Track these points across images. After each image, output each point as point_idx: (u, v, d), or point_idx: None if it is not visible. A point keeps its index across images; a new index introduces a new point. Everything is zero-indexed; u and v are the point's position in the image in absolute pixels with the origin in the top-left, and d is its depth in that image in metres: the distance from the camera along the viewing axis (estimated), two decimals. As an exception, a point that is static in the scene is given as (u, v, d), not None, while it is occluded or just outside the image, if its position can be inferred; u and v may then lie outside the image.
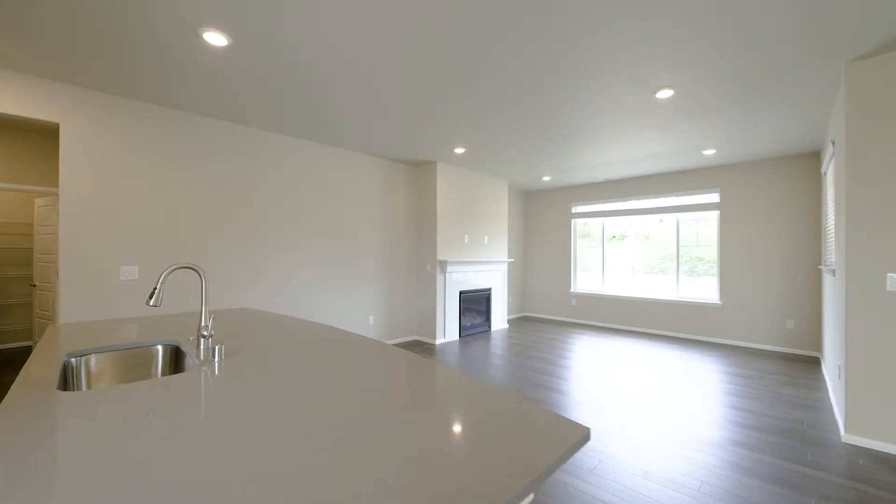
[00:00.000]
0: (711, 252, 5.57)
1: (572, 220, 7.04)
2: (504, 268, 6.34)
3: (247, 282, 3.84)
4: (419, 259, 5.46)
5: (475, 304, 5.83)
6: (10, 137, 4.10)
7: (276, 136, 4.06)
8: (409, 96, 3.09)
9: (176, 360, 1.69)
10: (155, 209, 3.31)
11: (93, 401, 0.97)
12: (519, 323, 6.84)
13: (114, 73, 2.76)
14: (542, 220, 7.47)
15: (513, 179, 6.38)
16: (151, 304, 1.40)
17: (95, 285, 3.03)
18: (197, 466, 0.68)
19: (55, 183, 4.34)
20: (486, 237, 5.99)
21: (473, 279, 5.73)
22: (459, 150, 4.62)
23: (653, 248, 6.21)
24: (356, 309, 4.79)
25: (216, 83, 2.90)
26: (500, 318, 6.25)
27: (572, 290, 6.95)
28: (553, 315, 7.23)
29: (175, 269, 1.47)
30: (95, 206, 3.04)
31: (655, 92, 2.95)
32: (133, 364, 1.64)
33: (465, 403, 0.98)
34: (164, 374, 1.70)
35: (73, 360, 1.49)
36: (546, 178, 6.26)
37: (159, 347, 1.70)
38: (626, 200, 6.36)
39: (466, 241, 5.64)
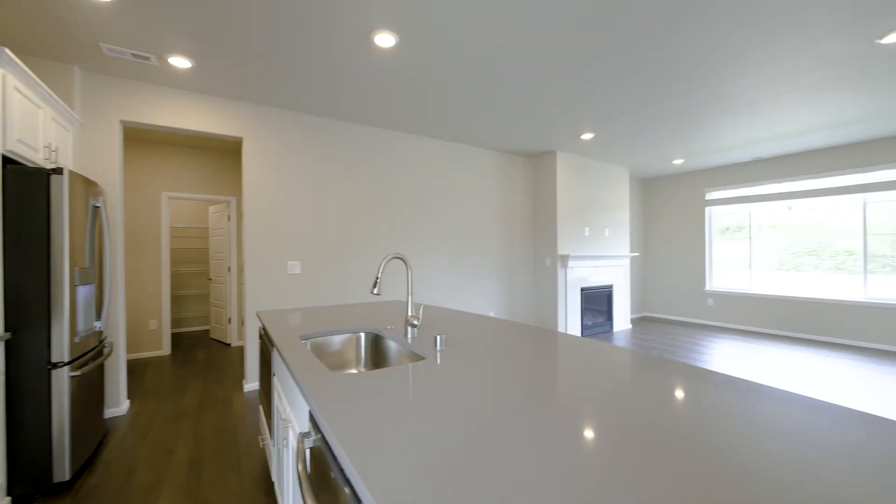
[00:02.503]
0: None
1: (706, 209, 6.17)
2: (626, 263, 5.81)
3: (380, 277, 4.06)
4: (536, 254, 5.26)
5: (596, 303, 5.43)
6: (187, 155, 4.94)
7: (405, 136, 4.23)
8: (544, 81, 2.93)
9: (375, 346, 1.78)
10: (310, 209, 3.66)
11: (387, 379, 1.00)
12: (642, 324, 6.22)
13: (286, 90, 3.09)
14: (666, 210, 6.70)
15: (634, 166, 5.81)
16: (375, 292, 1.46)
17: (269, 278, 3.46)
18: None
19: (225, 192, 5.11)
20: (606, 230, 5.55)
21: (594, 275, 5.35)
22: (587, 136, 4.32)
23: (789, 240, 5.13)
24: (476, 305, 4.79)
25: (369, 86, 3.07)
26: (622, 317, 5.75)
27: (708, 289, 6.10)
28: (682, 316, 6.43)
29: (390, 260, 1.52)
30: (268, 209, 3.46)
31: (881, 36, 2.34)
32: (343, 347, 1.76)
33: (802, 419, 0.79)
34: (367, 358, 1.80)
35: (303, 341, 1.64)
36: (677, 162, 5.57)
37: (362, 334, 1.80)
38: (781, 181, 5.35)
39: (587, 234, 5.28)
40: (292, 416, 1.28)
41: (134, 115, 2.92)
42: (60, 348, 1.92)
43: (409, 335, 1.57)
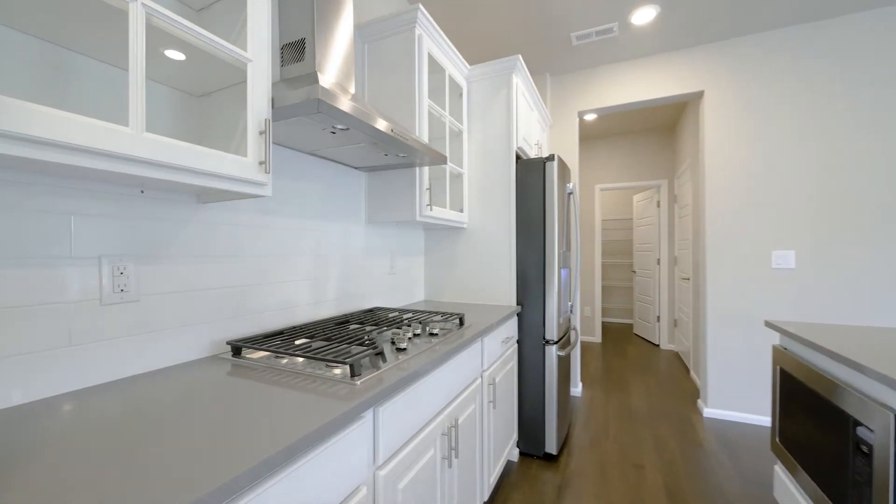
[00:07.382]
0: None
1: None
2: None
3: None
4: None
5: None
6: (614, 144, 4.83)
7: None
8: None
9: None
10: (808, 173, 2.37)
11: None
12: None
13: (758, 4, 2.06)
14: None
15: None
16: None
17: (737, 273, 2.53)
18: None
19: (653, 177, 4.64)
20: None
21: None
22: None
23: None
24: None
25: None
26: None
27: None
28: None
29: None
30: (736, 179, 2.54)
31: None
32: None
33: None
34: None
35: None
36: None
37: None
38: None
39: None
40: None
41: (588, 103, 2.94)
42: (551, 327, 2.00)
43: None
